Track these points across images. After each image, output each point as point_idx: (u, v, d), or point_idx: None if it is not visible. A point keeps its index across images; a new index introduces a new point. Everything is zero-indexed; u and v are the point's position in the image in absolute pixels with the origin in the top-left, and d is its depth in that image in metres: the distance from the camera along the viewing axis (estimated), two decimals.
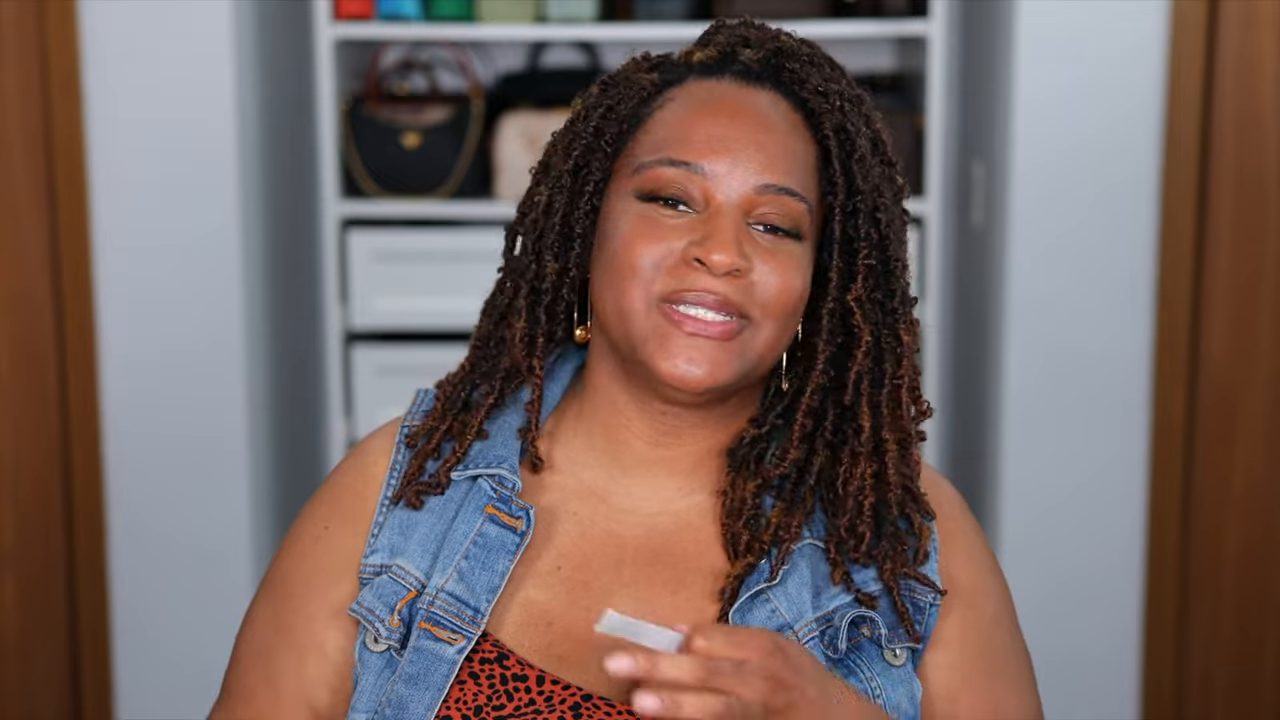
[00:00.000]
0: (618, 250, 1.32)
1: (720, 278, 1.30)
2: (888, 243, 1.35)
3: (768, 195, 1.32)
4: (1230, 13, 2.94)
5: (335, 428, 3.27)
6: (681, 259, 1.31)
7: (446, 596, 1.33)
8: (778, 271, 1.32)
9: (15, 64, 2.95)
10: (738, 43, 1.38)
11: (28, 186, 2.99)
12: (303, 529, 1.42)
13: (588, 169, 1.36)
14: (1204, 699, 3.10)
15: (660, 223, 1.32)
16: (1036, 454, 3.05)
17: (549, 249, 1.37)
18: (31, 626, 3.08)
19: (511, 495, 1.36)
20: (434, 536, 1.36)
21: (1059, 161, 2.98)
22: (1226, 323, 3.02)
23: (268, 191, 3.16)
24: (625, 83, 1.37)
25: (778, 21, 1.65)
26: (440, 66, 3.50)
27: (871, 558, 1.36)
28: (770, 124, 1.34)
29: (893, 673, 1.34)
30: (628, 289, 1.32)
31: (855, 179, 1.34)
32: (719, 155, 1.32)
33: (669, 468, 1.39)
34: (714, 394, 1.34)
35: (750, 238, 1.32)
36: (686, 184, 1.32)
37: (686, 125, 1.34)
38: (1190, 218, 2.98)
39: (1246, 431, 3.04)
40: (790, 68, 1.36)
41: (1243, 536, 3.06)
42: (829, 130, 1.35)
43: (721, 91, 1.36)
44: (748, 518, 1.36)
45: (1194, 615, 3.08)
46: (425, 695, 1.31)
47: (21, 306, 3.02)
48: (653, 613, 1.34)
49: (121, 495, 3.06)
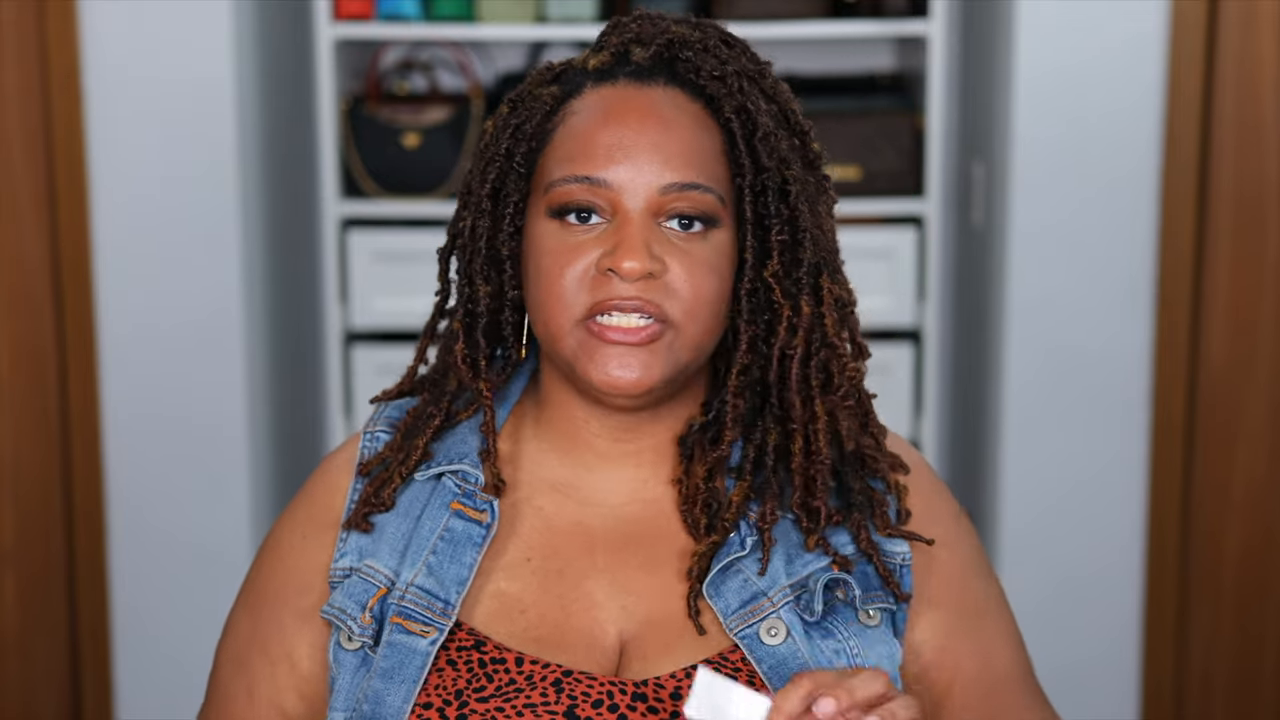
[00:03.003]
0: (540, 274, 1.35)
1: (635, 283, 1.32)
2: (798, 215, 1.36)
3: (672, 194, 1.33)
4: (1230, 13, 2.94)
5: (335, 427, 3.27)
6: (596, 271, 1.33)
7: (416, 590, 1.34)
8: (690, 271, 1.33)
9: (15, 64, 2.95)
10: (630, 42, 1.39)
11: (28, 186, 2.99)
12: (277, 539, 1.44)
13: (504, 191, 1.38)
14: (1204, 699, 3.10)
15: (573, 240, 1.34)
16: (1036, 454, 3.05)
17: (479, 273, 1.39)
18: (31, 626, 3.08)
19: (475, 490, 1.38)
20: (401, 535, 1.38)
21: (1059, 162, 2.98)
22: (1226, 323, 3.02)
23: (268, 191, 3.16)
24: (529, 99, 1.40)
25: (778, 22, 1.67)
26: (440, 66, 3.50)
27: (842, 524, 1.38)
28: (667, 121, 1.35)
29: (868, 633, 1.36)
30: (553, 313, 1.34)
31: (760, 157, 1.36)
32: (618, 163, 1.33)
33: (633, 460, 1.41)
34: (651, 395, 1.36)
35: (663, 238, 1.33)
36: (593, 197, 1.34)
37: (587, 138, 1.35)
38: (1190, 218, 2.98)
39: (1246, 432, 3.04)
40: (684, 57, 1.38)
41: (1243, 537, 3.06)
42: (729, 114, 1.36)
43: (617, 97, 1.37)
44: (703, 502, 1.38)
45: (1194, 615, 3.08)
46: (401, 688, 1.32)
47: (21, 306, 3.02)
48: (631, 592, 1.36)
49: (121, 495, 3.06)
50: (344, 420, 3.26)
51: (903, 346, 3.23)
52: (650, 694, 1.31)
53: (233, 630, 1.44)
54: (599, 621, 1.35)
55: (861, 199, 3.16)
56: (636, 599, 1.36)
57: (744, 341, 1.37)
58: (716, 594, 1.34)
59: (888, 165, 3.21)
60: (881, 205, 3.19)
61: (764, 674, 1.32)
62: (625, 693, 1.31)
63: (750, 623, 1.34)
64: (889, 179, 3.21)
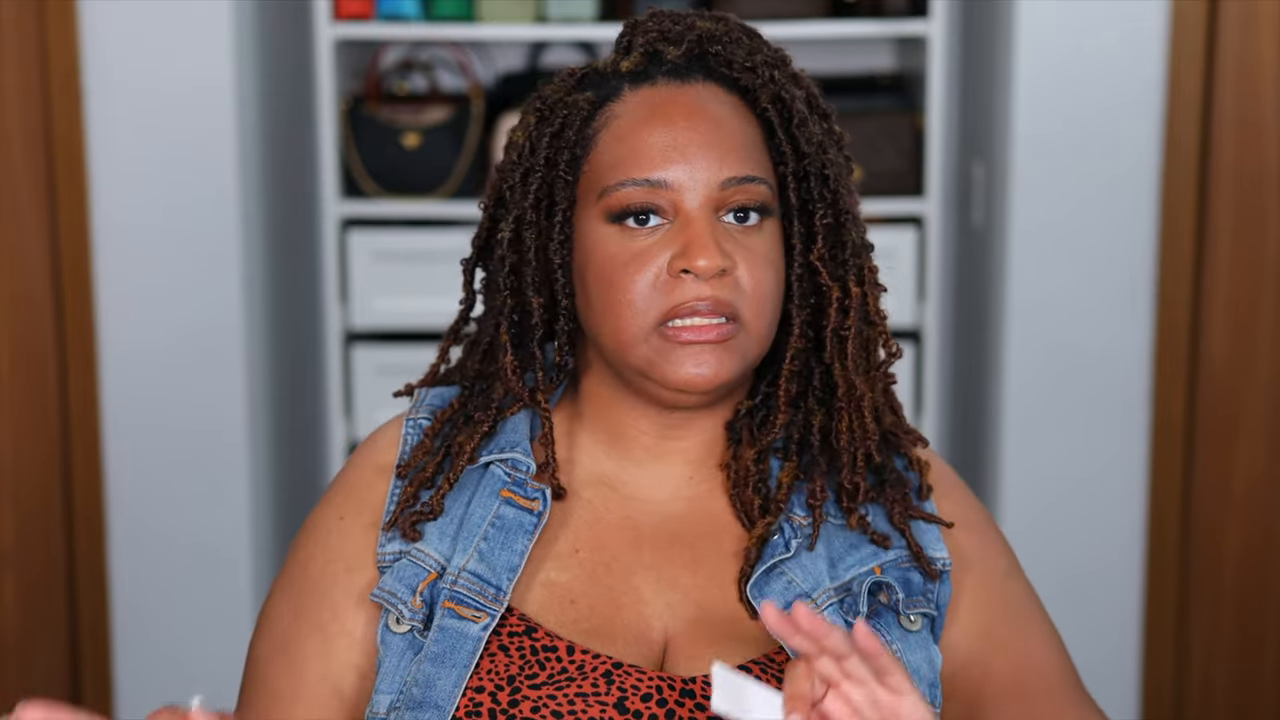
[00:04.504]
0: (606, 282, 1.35)
1: (709, 280, 1.33)
2: (839, 198, 1.39)
3: (731, 188, 1.35)
4: (1230, 13, 2.94)
5: (335, 428, 3.27)
6: (669, 274, 1.33)
7: (469, 576, 1.35)
8: (753, 267, 1.35)
9: (15, 64, 2.95)
10: (658, 40, 1.40)
11: (28, 186, 2.99)
12: (318, 520, 1.43)
13: (551, 200, 1.38)
14: (1204, 699, 3.10)
15: (639, 245, 1.34)
16: (1036, 454, 3.05)
17: (529, 285, 1.39)
18: (31, 626, 3.08)
19: (526, 478, 1.39)
20: (451, 520, 1.38)
21: (1059, 161, 2.98)
22: (1226, 323, 3.02)
23: (268, 191, 3.16)
24: (562, 105, 1.39)
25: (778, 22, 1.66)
26: (440, 66, 3.50)
27: (878, 502, 1.41)
28: (714, 116, 1.36)
29: (910, 638, 1.38)
30: (624, 323, 1.34)
31: (800, 144, 1.38)
32: (676, 163, 1.34)
33: (681, 456, 1.42)
34: (720, 392, 1.37)
35: (725, 234, 1.35)
36: (653, 199, 1.34)
37: (637, 140, 1.35)
38: (1190, 218, 2.98)
39: (1246, 431, 3.04)
40: (714, 51, 1.39)
41: (1243, 536, 3.07)
42: (766, 104, 1.38)
43: (660, 97, 1.37)
44: (754, 483, 1.39)
45: (1194, 615, 3.08)
46: (452, 673, 1.32)
47: (21, 306, 3.02)
48: (676, 589, 1.37)
49: (121, 495, 3.06)
50: (344, 420, 3.26)
51: (903, 346, 3.22)
52: (698, 690, 1.32)
53: (273, 622, 1.42)
54: (645, 617, 1.36)
55: (862, 199, 3.14)
56: (682, 597, 1.37)
57: (796, 326, 1.39)
58: (761, 596, 1.36)
59: (888, 165, 3.21)
60: (881, 205, 3.19)
61: None
62: (674, 688, 1.32)
63: None
64: (889, 179, 3.21)
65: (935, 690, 1.38)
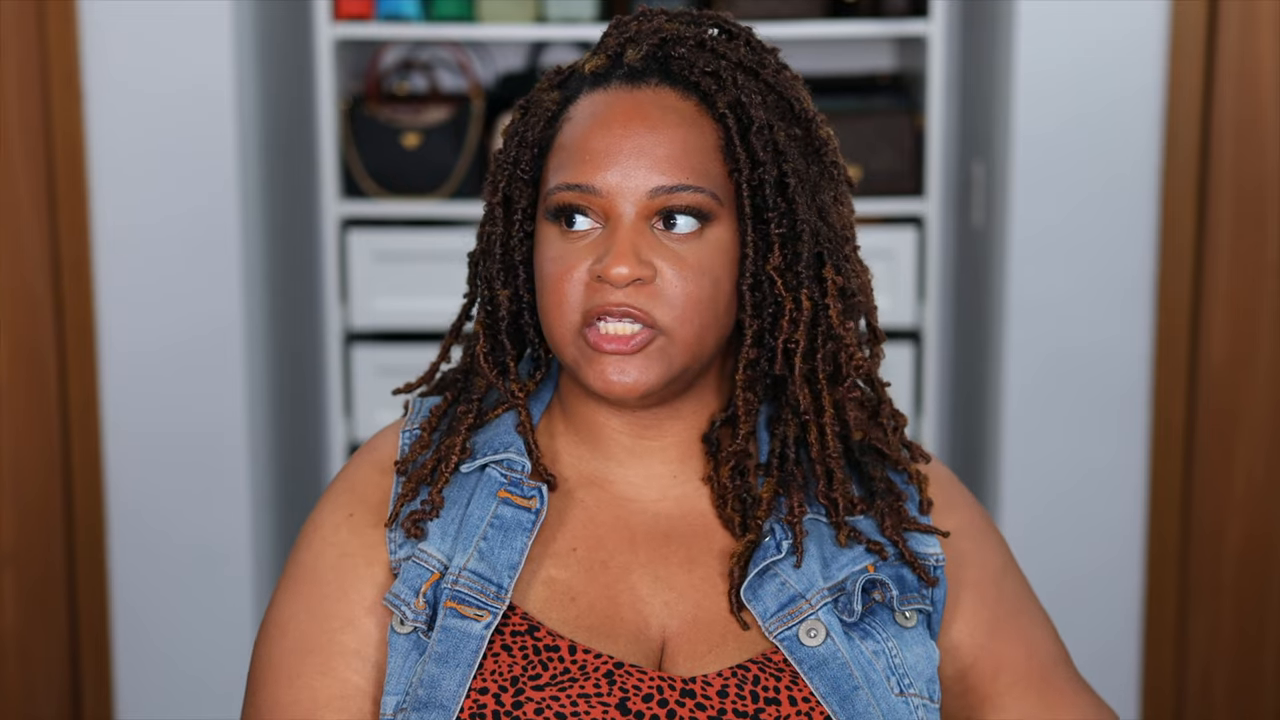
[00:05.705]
0: (544, 280, 1.37)
1: (624, 289, 1.33)
2: (795, 207, 1.36)
3: (660, 196, 1.34)
4: (1230, 13, 2.94)
5: (335, 428, 3.27)
6: (589, 277, 1.34)
7: (470, 575, 1.35)
8: (682, 274, 1.34)
9: (15, 63, 2.95)
10: (626, 42, 1.40)
11: (28, 185, 2.99)
12: (324, 519, 1.43)
13: (513, 199, 1.41)
14: (1204, 699, 3.10)
15: (572, 247, 1.35)
16: (1036, 454, 3.05)
17: (496, 278, 1.42)
18: (31, 626, 3.08)
19: (522, 478, 1.40)
20: (451, 521, 1.39)
21: (1059, 162, 2.98)
22: (1226, 323, 3.02)
23: (268, 191, 3.16)
24: (535, 105, 1.41)
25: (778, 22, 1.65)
26: (440, 66, 3.50)
27: (868, 515, 1.42)
28: (654, 123, 1.36)
29: (906, 635, 1.39)
30: (555, 321, 1.36)
31: (756, 152, 1.36)
32: (607, 169, 1.34)
33: (659, 456, 1.42)
34: (653, 397, 1.37)
35: (655, 242, 1.34)
36: (585, 202, 1.35)
37: (579, 145, 1.36)
38: (1190, 218, 2.98)
39: (1246, 431, 3.04)
40: (676, 55, 1.39)
41: (1243, 536, 3.07)
42: (723, 109, 1.37)
43: (608, 101, 1.37)
44: (732, 501, 1.40)
45: (1194, 615, 3.08)
46: (456, 672, 1.33)
47: (21, 306, 3.02)
48: (672, 589, 1.38)
49: (121, 495, 3.06)
50: (344, 420, 3.26)
51: (903, 346, 3.23)
52: (699, 691, 1.33)
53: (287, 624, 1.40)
54: (643, 615, 1.37)
55: (861, 199, 3.15)
56: (678, 596, 1.38)
57: (749, 336, 1.38)
58: (755, 597, 1.36)
59: (888, 165, 3.21)
60: (881, 205, 3.19)
61: (805, 675, 1.34)
62: (674, 688, 1.33)
63: (789, 625, 1.36)
64: (889, 179, 3.21)
65: (934, 685, 1.39)
